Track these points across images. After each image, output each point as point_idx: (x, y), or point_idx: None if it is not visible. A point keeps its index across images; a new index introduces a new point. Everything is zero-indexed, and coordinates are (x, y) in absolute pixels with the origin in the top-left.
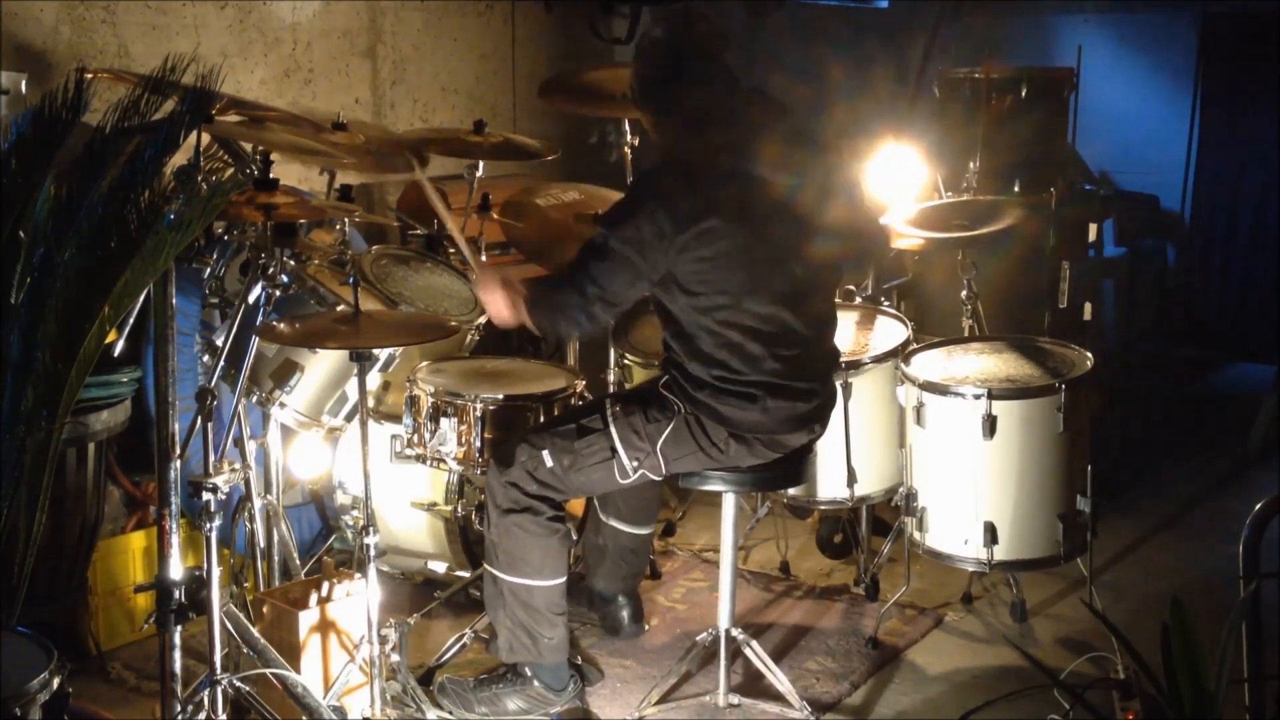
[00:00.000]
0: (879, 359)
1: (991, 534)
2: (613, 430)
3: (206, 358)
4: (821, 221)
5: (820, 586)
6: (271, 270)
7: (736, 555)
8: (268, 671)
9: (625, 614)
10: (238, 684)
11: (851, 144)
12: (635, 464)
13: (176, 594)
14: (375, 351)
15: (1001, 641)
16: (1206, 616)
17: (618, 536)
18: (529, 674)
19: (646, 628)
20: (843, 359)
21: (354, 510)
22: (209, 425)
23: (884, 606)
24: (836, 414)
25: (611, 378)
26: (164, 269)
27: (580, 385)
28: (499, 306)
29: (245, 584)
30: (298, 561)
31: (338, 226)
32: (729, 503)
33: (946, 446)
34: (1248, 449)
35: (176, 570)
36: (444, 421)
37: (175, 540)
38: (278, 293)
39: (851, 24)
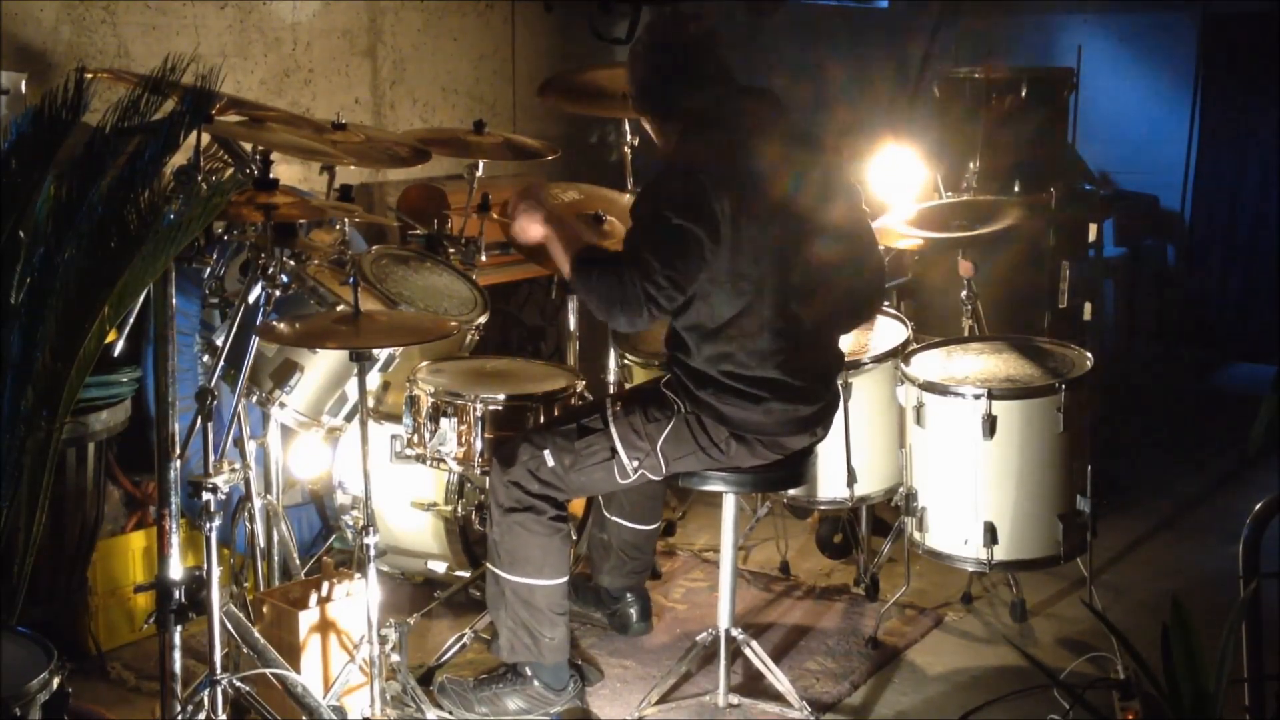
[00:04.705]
0: (879, 359)
1: (991, 534)
2: (613, 430)
3: (206, 358)
4: (823, 220)
5: (820, 586)
6: (271, 270)
7: (736, 555)
8: (268, 671)
9: (634, 611)
10: (238, 684)
11: (851, 144)
12: (635, 464)
13: (176, 594)
14: (375, 351)
15: (1001, 641)
16: (1206, 616)
17: (621, 532)
18: (529, 674)
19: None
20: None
21: (354, 510)
22: (209, 425)
23: (884, 606)
24: (836, 414)
25: (612, 378)
26: (164, 269)
27: (580, 385)
28: (529, 230)
29: (245, 584)
30: (298, 561)
31: (338, 226)
32: (729, 503)
33: (946, 446)
34: (1248, 449)
35: (176, 570)
36: (444, 421)
37: (175, 540)
38: (278, 293)
39: (851, 24)
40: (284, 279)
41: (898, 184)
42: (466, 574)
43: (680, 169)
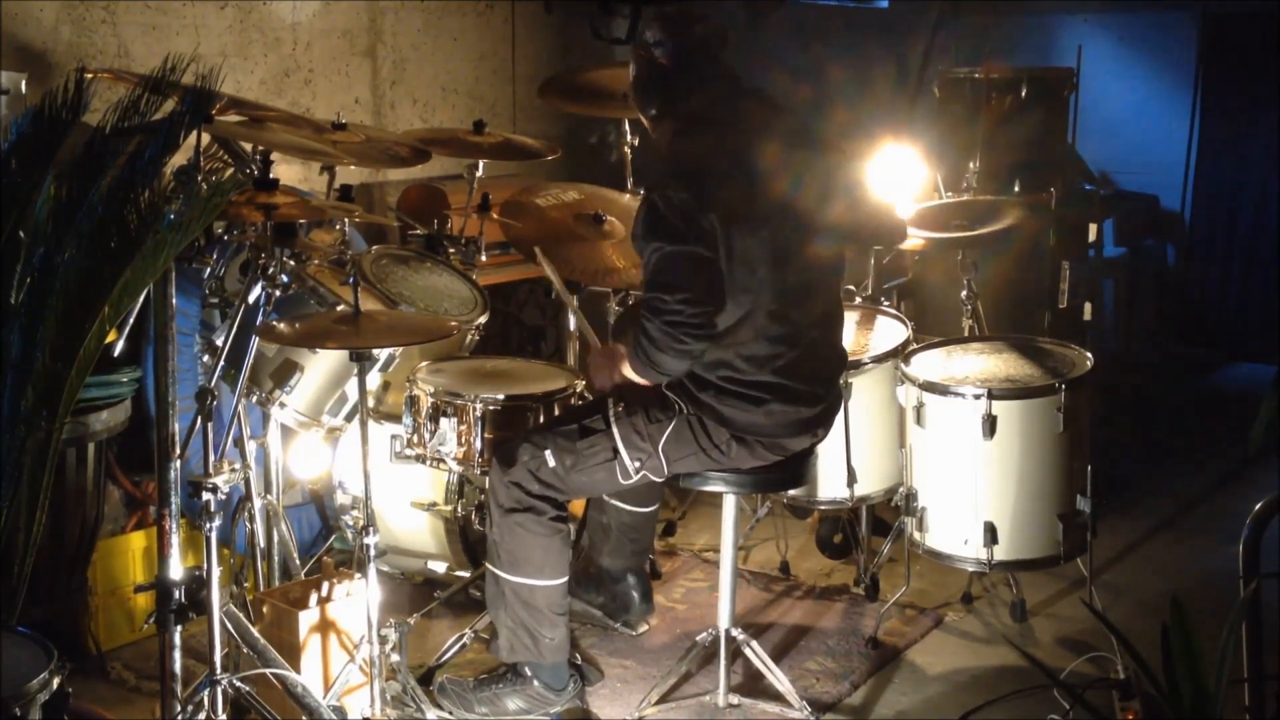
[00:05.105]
0: (879, 359)
1: (991, 534)
2: (614, 430)
3: (206, 358)
4: (823, 221)
5: (820, 586)
6: (271, 270)
7: (736, 555)
8: (268, 671)
9: (635, 593)
10: (238, 684)
11: (854, 144)
12: (637, 464)
13: (176, 594)
14: (375, 351)
15: (1001, 641)
16: (1206, 616)
17: (620, 514)
18: (529, 674)
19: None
20: None
21: (354, 510)
22: (209, 425)
23: (884, 606)
24: (838, 414)
25: None
26: (164, 269)
27: (580, 385)
28: (611, 380)
29: (245, 584)
30: (298, 561)
31: (338, 226)
32: (729, 503)
33: (946, 446)
34: (1248, 449)
35: (176, 570)
36: (444, 421)
37: (175, 540)
38: (278, 293)
39: (851, 24)
40: (284, 279)
41: (898, 184)
42: (466, 574)
43: (672, 179)
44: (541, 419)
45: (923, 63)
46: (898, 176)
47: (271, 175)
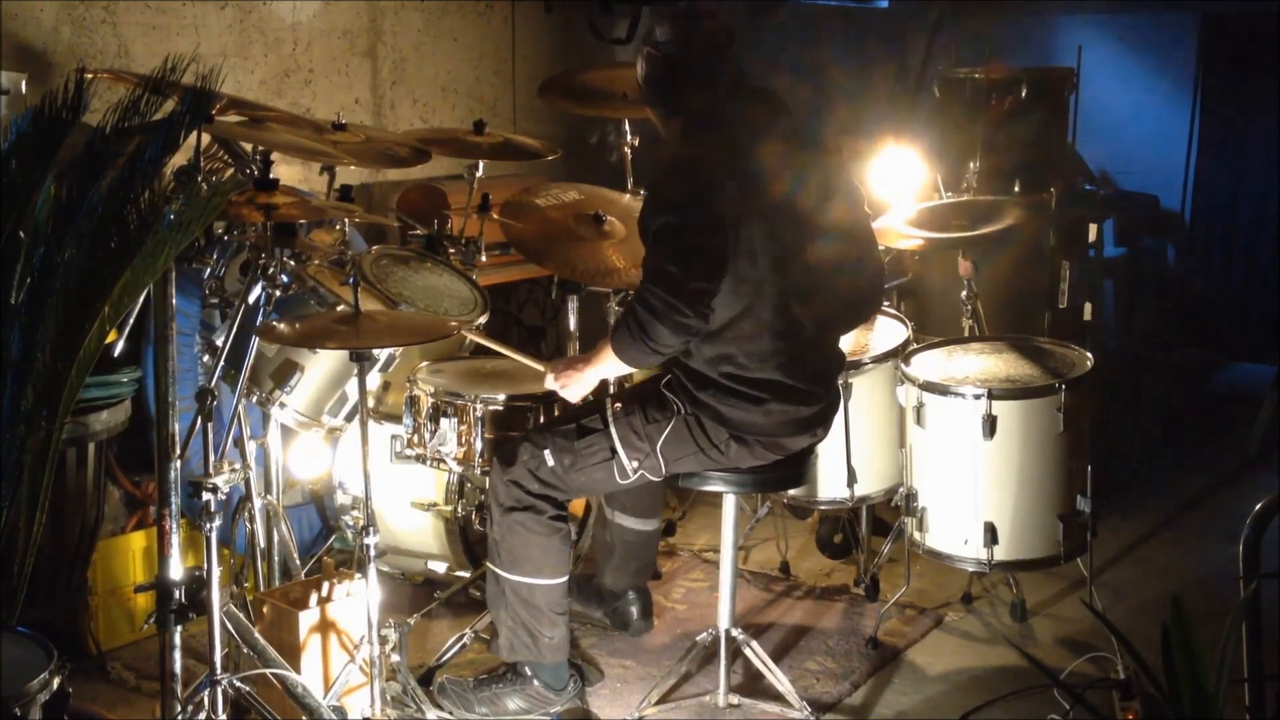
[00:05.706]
0: (879, 359)
1: (991, 534)
2: (612, 430)
3: (206, 358)
4: (823, 221)
5: (820, 586)
6: (271, 270)
7: (736, 555)
8: (268, 671)
9: (635, 609)
10: (238, 684)
11: (851, 144)
12: (635, 464)
13: (176, 594)
14: (375, 351)
15: (1001, 641)
16: (1206, 616)
17: (624, 532)
18: (529, 673)
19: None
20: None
21: (354, 510)
22: (209, 425)
23: (884, 606)
24: (837, 414)
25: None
26: (164, 269)
27: None
28: (585, 381)
29: (245, 584)
30: (298, 561)
31: (338, 226)
32: (729, 503)
33: (946, 446)
34: (1248, 449)
35: (176, 570)
36: (444, 422)
37: (175, 540)
38: (278, 293)
39: (851, 24)
40: (284, 279)
41: (898, 184)
42: (466, 574)
43: (679, 169)
44: (541, 419)
45: (923, 63)
46: (898, 177)
47: (271, 175)
